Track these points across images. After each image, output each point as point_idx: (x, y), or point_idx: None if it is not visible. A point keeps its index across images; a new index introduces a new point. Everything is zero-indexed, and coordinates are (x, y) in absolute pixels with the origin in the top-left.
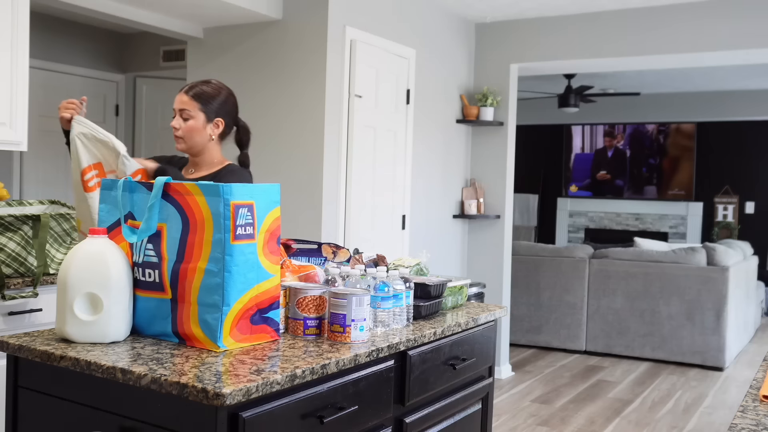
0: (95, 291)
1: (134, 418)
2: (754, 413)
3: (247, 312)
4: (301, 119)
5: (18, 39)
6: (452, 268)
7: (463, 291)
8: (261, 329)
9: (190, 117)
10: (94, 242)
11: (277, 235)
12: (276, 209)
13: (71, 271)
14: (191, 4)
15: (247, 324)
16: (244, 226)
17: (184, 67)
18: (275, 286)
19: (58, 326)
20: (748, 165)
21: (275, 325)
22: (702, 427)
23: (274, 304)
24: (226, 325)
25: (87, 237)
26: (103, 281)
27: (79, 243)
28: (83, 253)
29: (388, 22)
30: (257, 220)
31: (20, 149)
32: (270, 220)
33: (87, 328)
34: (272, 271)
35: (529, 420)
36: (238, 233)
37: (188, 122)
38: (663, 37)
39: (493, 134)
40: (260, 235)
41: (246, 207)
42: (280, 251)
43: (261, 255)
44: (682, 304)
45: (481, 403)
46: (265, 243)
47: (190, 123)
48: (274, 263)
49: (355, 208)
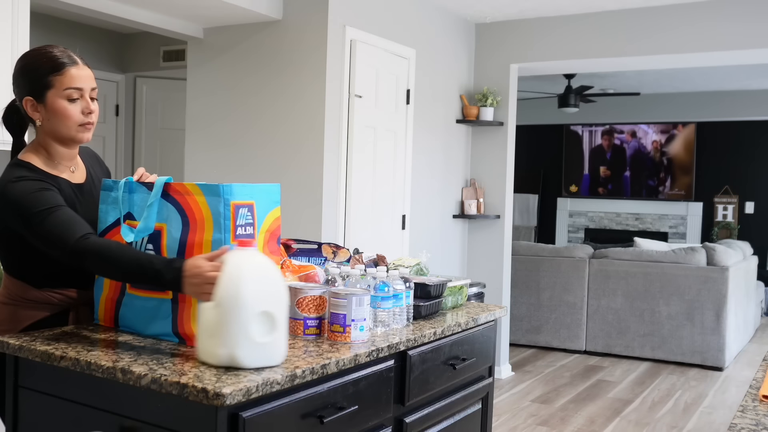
0: (271, 309)
1: (134, 418)
2: (753, 413)
3: None
4: (301, 119)
5: (18, 39)
6: (452, 268)
7: (463, 291)
8: None
9: (96, 97)
10: (253, 255)
11: (278, 235)
12: (276, 209)
13: (244, 287)
14: (191, 4)
15: None
16: (244, 226)
17: (184, 67)
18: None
19: (210, 350)
20: (748, 165)
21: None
22: (702, 426)
23: None
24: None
25: (236, 248)
26: (276, 298)
27: (228, 254)
28: (252, 267)
29: (388, 22)
30: (257, 220)
31: None
32: (270, 219)
33: (261, 351)
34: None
35: (529, 420)
36: (238, 233)
37: (96, 103)
38: (663, 37)
39: (493, 134)
40: (260, 235)
41: (246, 207)
42: (280, 251)
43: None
44: (682, 304)
45: (481, 403)
46: (265, 243)
47: (97, 104)
48: (275, 263)
49: (355, 208)
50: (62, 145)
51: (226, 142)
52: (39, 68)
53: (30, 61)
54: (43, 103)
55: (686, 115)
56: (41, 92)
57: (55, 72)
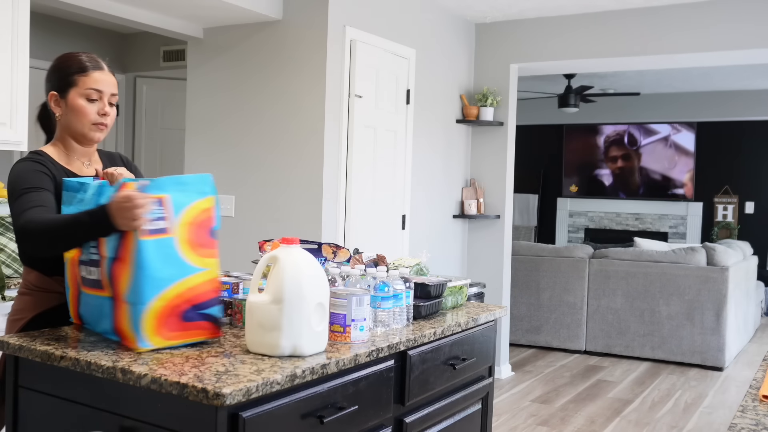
0: (323, 300)
1: (134, 418)
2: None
3: (175, 309)
4: (301, 119)
5: (18, 39)
6: (452, 268)
7: (463, 291)
8: (197, 326)
9: (115, 103)
10: (300, 251)
11: (209, 226)
12: (205, 200)
13: (306, 283)
14: (191, 4)
15: (178, 321)
16: (154, 221)
17: (184, 67)
18: (209, 281)
19: (270, 342)
20: (748, 165)
21: (217, 322)
22: (702, 426)
23: (212, 300)
24: (147, 324)
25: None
26: (325, 289)
27: (275, 252)
28: (306, 263)
29: (388, 22)
30: (173, 213)
31: (20, 149)
32: (195, 211)
33: (317, 338)
34: (202, 265)
35: (529, 420)
36: (146, 228)
37: (113, 109)
38: (663, 37)
39: (493, 134)
40: (180, 228)
41: (156, 202)
42: (215, 244)
43: (184, 249)
44: (682, 304)
45: (481, 403)
46: (189, 236)
47: (114, 110)
48: (204, 256)
49: (355, 208)
50: (76, 141)
51: (227, 142)
52: (68, 68)
53: (61, 61)
54: (65, 99)
55: (686, 115)
56: (65, 89)
57: (81, 72)
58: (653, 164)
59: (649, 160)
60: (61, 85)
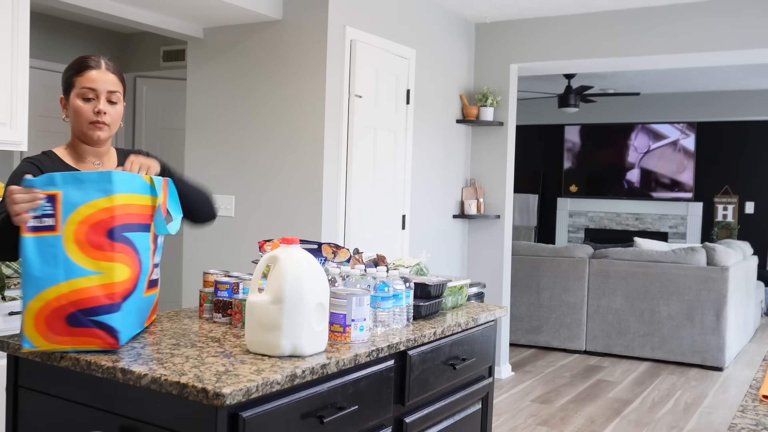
0: (323, 300)
1: (134, 418)
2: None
3: (59, 311)
4: (301, 119)
5: (18, 39)
6: (452, 268)
7: (463, 291)
8: (87, 333)
9: (118, 101)
10: (300, 251)
11: (107, 227)
12: (104, 199)
13: (306, 283)
14: (191, 4)
15: (63, 325)
16: (40, 218)
17: (184, 67)
18: (101, 286)
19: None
20: (748, 165)
21: (112, 331)
22: (702, 427)
23: (104, 307)
24: (27, 323)
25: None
26: (324, 289)
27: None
28: (306, 264)
29: (388, 22)
30: (63, 211)
31: (20, 149)
32: (90, 210)
33: (316, 338)
34: (94, 268)
35: (529, 420)
36: (30, 225)
37: (116, 107)
38: (663, 37)
39: (493, 134)
40: (69, 226)
41: (45, 198)
42: (115, 247)
43: (72, 249)
44: (682, 304)
45: (481, 403)
46: (80, 236)
47: (118, 108)
48: (98, 259)
49: (355, 208)
50: (82, 141)
51: (226, 141)
52: (69, 70)
53: (68, 66)
54: (68, 100)
55: (686, 115)
56: (68, 91)
57: (78, 73)
58: (653, 164)
59: (650, 160)
60: (65, 88)
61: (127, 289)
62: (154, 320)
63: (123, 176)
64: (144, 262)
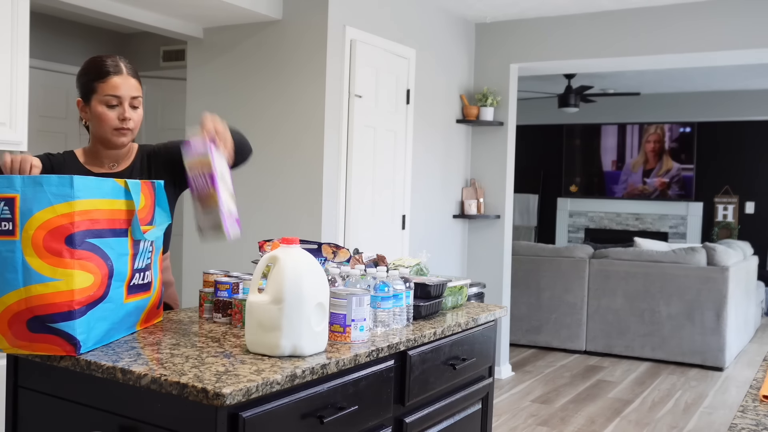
0: (323, 300)
1: (134, 418)
2: (754, 413)
3: (19, 315)
4: (301, 119)
5: (18, 39)
6: (452, 268)
7: (463, 291)
8: (44, 339)
9: (140, 105)
10: (300, 251)
11: (66, 233)
12: (63, 204)
13: (305, 283)
14: (191, 4)
15: (24, 330)
16: None
17: (184, 67)
18: (59, 293)
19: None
20: (748, 165)
21: (70, 339)
22: (702, 427)
23: (63, 314)
24: None
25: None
26: (324, 289)
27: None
28: (306, 264)
29: (388, 22)
30: (21, 215)
31: (20, 149)
32: (48, 216)
33: (316, 338)
34: (52, 275)
35: (529, 420)
36: None
37: (138, 110)
38: (663, 37)
39: (493, 134)
40: (27, 231)
41: (3, 201)
42: (74, 254)
43: (30, 255)
44: (682, 304)
45: (481, 403)
46: (37, 242)
47: (139, 111)
48: (56, 266)
49: (355, 208)
50: (103, 145)
51: None
52: (88, 74)
53: (84, 67)
54: (89, 105)
55: (686, 115)
56: (88, 96)
57: (99, 79)
58: (654, 164)
59: (650, 160)
60: (84, 92)
61: (90, 296)
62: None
63: (87, 181)
64: (117, 268)
